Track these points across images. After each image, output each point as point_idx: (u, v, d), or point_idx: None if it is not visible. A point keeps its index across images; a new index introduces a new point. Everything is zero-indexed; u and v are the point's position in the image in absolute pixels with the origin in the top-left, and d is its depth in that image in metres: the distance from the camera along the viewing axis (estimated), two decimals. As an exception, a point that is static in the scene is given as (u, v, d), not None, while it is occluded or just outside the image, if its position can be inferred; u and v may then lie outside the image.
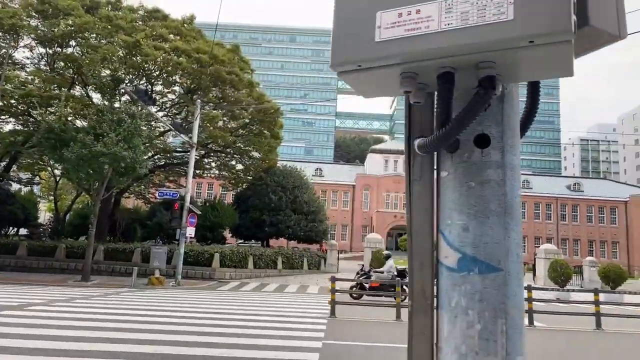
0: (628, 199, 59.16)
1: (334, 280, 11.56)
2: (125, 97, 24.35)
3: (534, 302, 11.53)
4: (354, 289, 15.43)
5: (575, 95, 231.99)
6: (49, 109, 22.74)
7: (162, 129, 29.32)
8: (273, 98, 34.67)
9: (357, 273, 17.46)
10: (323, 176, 58.33)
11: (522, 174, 72.08)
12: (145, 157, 21.53)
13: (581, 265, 29.50)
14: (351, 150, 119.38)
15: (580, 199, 60.51)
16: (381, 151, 64.54)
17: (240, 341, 7.89)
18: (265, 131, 29.89)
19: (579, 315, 11.70)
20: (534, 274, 28.53)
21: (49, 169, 31.49)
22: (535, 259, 30.12)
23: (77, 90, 25.78)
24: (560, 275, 22.20)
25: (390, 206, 59.43)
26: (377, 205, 59.17)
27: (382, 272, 16.31)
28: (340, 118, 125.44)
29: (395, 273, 15.97)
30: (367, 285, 15.27)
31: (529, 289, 11.58)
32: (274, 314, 11.41)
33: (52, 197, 39.03)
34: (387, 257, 17.84)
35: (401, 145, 67.57)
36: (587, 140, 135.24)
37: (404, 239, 46.36)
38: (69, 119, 21.59)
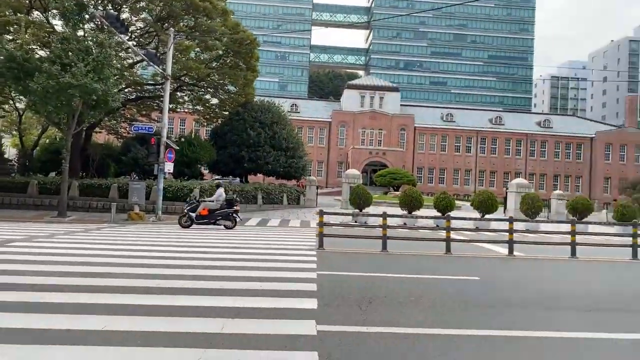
0: (594, 136, 61.08)
1: (322, 213, 11.64)
2: (90, 25, 22.76)
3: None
4: (184, 218, 16.42)
5: (551, 32, 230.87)
6: (6, 35, 21.01)
7: (132, 60, 27.84)
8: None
9: (187, 202, 17.90)
10: (299, 112, 57.54)
11: (495, 111, 72.99)
12: (117, 90, 20.51)
13: (549, 199, 30.79)
14: (325, 85, 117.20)
15: (549, 135, 62.10)
16: (357, 87, 63.63)
17: (238, 273, 7.95)
18: (241, 63, 28.75)
19: (556, 245, 12.29)
20: (505, 207, 29.66)
21: (11, 101, 29.76)
22: (506, 192, 31.20)
23: (36, 16, 23.82)
24: (532, 208, 23.11)
25: (366, 142, 59.63)
26: (353, 141, 59.25)
27: (212, 202, 16.75)
28: (314, 52, 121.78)
29: (225, 202, 16.47)
30: (193, 215, 16.12)
31: (511, 220, 11.99)
32: (263, 247, 11.52)
33: (15, 132, 37.27)
34: (218, 185, 18.42)
35: (378, 81, 66.75)
36: (558, 77, 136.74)
37: (378, 174, 47.00)
38: (31, 47, 20.05)
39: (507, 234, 11.85)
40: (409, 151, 59.68)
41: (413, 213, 22.59)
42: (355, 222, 21.47)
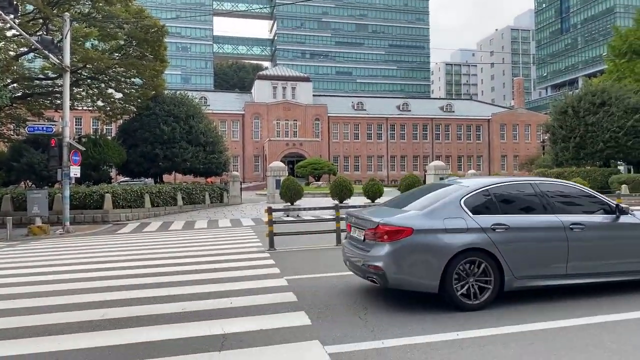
0: (490, 117, 66.08)
1: (271, 211, 10.69)
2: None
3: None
4: None
5: (441, 22, 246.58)
6: None
7: (14, 52, 24.15)
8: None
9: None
10: (209, 105, 54.84)
11: (401, 98, 76.01)
12: (2, 85, 17.52)
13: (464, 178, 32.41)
14: (230, 78, 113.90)
15: (452, 119, 66.04)
16: (269, 77, 62.40)
17: (195, 289, 6.79)
18: (148, 53, 26.29)
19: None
20: (425, 190, 30.70)
21: None
22: (425, 175, 32.33)
23: None
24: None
25: (282, 134, 58.80)
26: (269, 133, 58.10)
27: None
28: (218, 42, 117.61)
29: None
30: None
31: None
32: (205, 254, 10.31)
33: None
34: None
35: (289, 71, 66.03)
36: (451, 64, 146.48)
37: (299, 165, 46.51)
38: None
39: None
40: (324, 141, 59.95)
41: (345, 202, 22.35)
42: (288, 216, 20.70)
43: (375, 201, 22.61)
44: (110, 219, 20.32)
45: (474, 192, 5.71)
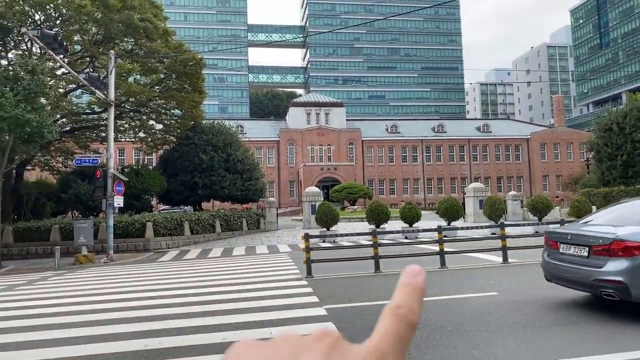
0: (529, 136, 64.34)
1: (307, 238, 10.64)
2: (14, 51, 20.65)
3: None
4: None
5: (474, 41, 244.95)
6: None
7: (63, 89, 25.60)
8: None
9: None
10: (245, 133, 55.96)
11: (436, 119, 75.33)
12: (52, 120, 18.48)
13: (504, 200, 31.46)
14: (265, 106, 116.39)
15: (490, 139, 64.69)
16: (302, 104, 63.33)
17: (233, 319, 6.77)
18: (187, 85, 27.29)
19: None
20: (464, 212, 29.92)
21: None
22: (464, 197, 31.57)
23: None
24: (495, 211, 23.29)
25: (316, 159, 59.17)
26: (303, 159, 58.59)
27: None
28: (253, 72, 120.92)
29: None
30: None
31: (502, 226, 11.57)
32: (244, 282, 10.32)
33: None
34: None
35: (322, 97, 66.88)
36: (486, 84, 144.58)
37: (334, 189, 46.49)
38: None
39: (500, 240, 11.40)
40: (358, 164, 59.86)
41: (382, 226, 22.06)
42: (324, 242, 20.58)
43: (413, 225, 22.17)
44: (151, 247, 20.78)
45: None
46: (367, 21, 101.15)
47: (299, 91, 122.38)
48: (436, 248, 11.52)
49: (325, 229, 21.85)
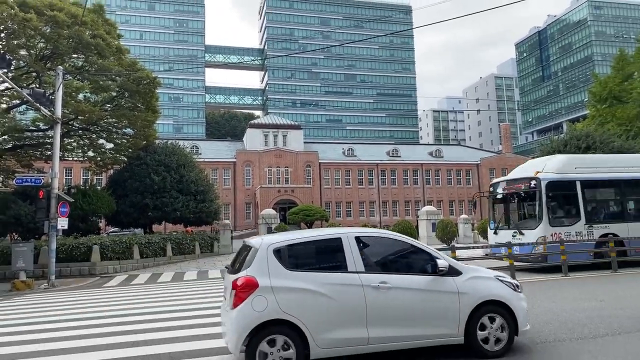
0: (479, 162, 66.99)
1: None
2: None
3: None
4: None
5: (425, 70, 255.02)
6: None
7: (5, 105, 24.33)
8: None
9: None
10: (200, 154, 55.13)
11: (391, 144, 77.16)
12: (-8, 138, 17.47)
13: (455, 223, 32.36)
14: (221, 127, 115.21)
15: (442, 164, 66.81)
16: (260, 125, 63.23)
17: (183, 346, 6.48)
18: (139, 104, 26.59)
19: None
20: (418, 235, 30.51)
21: None
22: (417, 220, 32.24)
23: None
24: (446, 233, 23.90)
25: (273, 181, 58.86)
26: (260, 180, 58.14)
27: None
28: (210, 93, 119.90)
29: None
30: None
31: (453, 249, 11.83)
32: (194, 307, 9.96)
33: None
34: None
35: (280, 120, 67.06)
36: (439, 111, 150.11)
37: (291, 212, 46.24)
38: None
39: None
40: (315, 187, 60.04)
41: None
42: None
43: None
44: (97, 271, 19.78)
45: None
46: (324, 46, 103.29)
47: (257, 113, 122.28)
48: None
49: (280, 252, 21.63)
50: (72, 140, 28.05)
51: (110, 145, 28.71)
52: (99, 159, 29.04)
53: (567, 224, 13.87)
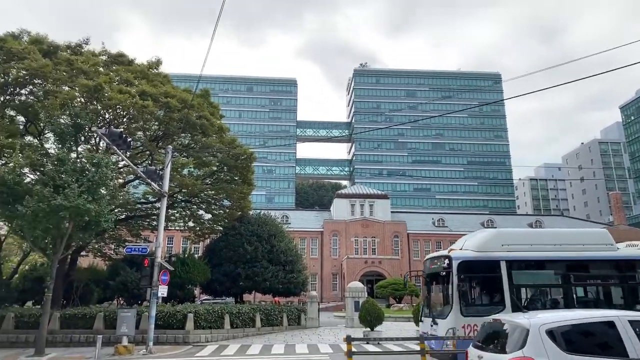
0: (587, 234, 60.90)
1: (350, 341, 10.05)
2: (83, 146, 22.49)
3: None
4: None
5: (518, 137, 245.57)
6: (-2, 160, 20.49)
7: (122, 180, 27.28)
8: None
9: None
10: (290, 223, 56.66)
11: (485, 214, 73.42)
12: (109, 210, 19.46)
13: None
14: (310, 196, 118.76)
15: (543, 236, 61.71)
16: (347, 195, 63.99)
17: None
18: (237, 178, 28.41)
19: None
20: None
21: (-6, 228, 28.28)
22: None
23: (29, 140, 23.58)
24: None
25: (360, 251, 58.23)
26: (347, 251, 57.82)
27: None
28: (300, 165, 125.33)
29: None
30: None
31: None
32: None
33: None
34: None
35: (367, 189, 67.49)
36: (537, 179, 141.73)
37: (379, 285, 44.91)
38: (24, 170, 19.36)
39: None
40: (404, 258, 58.18)
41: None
42: (368, 343, 19.45)
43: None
44: (190, 340, 20.32)
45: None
46: (412, 120, 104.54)
47: (344, 183, 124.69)
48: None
49: (369, 329, 20.77)
50: (175, 211, 30.43)
51: (208, 216, 30.66)
52: (198, 228, 31.04)
53: (484, 313, 10.29)
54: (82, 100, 22.02)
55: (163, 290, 18.67)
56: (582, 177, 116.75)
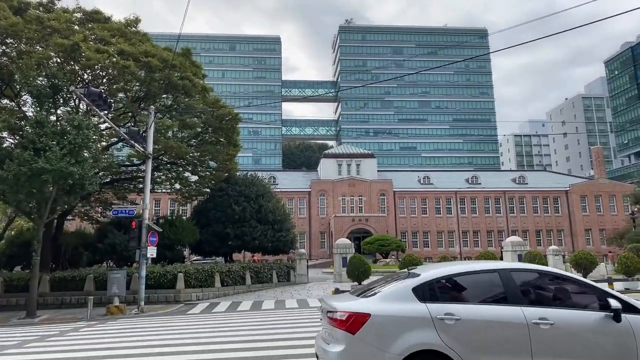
0: (568, 188, 62.35)
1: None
2: (62, 108, 21.92)
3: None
4: None
5: (504, 93, 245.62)
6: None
7: (105, 142, 26.82)
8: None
9: None
10: (277, 184, 56.81)
11: (470, 171, 74.41)
12: (94, 173, 19.24)
13: (544, 255, 30.08)
14: (297, 157, 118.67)
15: (526, 191, 63.03)
16: (333, 155, 64.03)
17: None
18: (222, 139, 28.10)
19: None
20: (502, 267, 28.63)
21: (-25, 193, 27.83)
22: (502, 252, 30.41)
23: (6, 103, 22.88)
24: (535, 266, 22.20)
25: (347, 210, 58.93)
26: (334, 210, 58.45)
27: None
28: (286, 125, 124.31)
29: None
30: None
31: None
32: (272, 338, 10.01)
33: (-21, 226, 34.73)
34: None
35: (353, 149, 67.53)
36: (520, 135, 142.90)
37: (366, 241, 45.79)
38: (3, 134, 18.89)
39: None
40: (390, 216, 59.12)
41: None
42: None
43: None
44: (181, 298, 20.68)
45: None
46: (397, 77, 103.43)
47: (331, 143, 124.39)
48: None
49: (356, 283, 21.33)
50: (161, 173, 30.18)
51: (195, 178, 30.51)
52: (185, 190, 30.93)
53: None
54: (59, 60, 21.25)
55: (152, 252, 18.81)
56: (565, 133, 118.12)
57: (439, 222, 60.94)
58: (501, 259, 29.30)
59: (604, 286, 5.72)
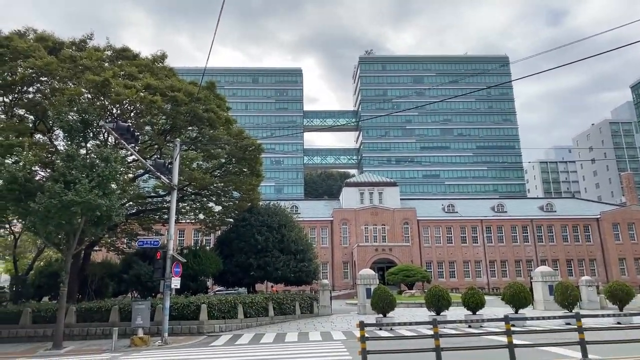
0: (599, 216, 60.38)
1: (363, 326, 10.09)
2: (92, 142, 22.64)
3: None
4: None
5: (528, 120, 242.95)
6: (8, 159, 20.67)
7: (132, 174, 27.45)
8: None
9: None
10: (299, 213, 56.72)
11: (495, 198, 73.04)
12: (120, 204, 19.64)
13: (577, 286, 28.92)
14: (318, 186, 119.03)
15: (555, 219, 61.30)
16: (356, 184, 63.87)
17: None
18: (245, 169, 28.46)
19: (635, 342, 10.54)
20: (533, 298, 27.64)
21: (7, 225, 28.67)
22: (531, 282, 29.39)
23: (39, 138, 23.77)
24: (567, 298, 21.31)
25: (370, 239, 58.24)
26: (357, 239, 57.87)
27: None
28: (308, 155, 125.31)
29: None
30: None
31: (578, 317, 10.45)
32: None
33: (9, 257, 35.68)
34: None
35: (375, 177, 67.31)
36: (546, 161, 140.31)
37: (390, 272, 44.95)
38: (34, 168, 19.53)
39: (577, 332, 10.24)
40: (414, 245, 58.13)
41: (442, 314, 20.71)
42: (381, 329, 19.53)
43: (477, 313, 20.69)
44: (205, 330, 20.56)
45: None
46: (418, 106, 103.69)
47: (352, 171, 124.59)
48: (504, 339, 10.51)
49: (381, 315, 20.83)
50: (186, 204, 30.62)
51: (218, 208, 30.83)
52: (209, 220, 31.25)
53: None
54: (89, 96, 22.10)
55: (176, 282, 18.87)
56: (593, 159, 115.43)
57: (465, 252, 59.57)
58: (531, 289, 28.29)
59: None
